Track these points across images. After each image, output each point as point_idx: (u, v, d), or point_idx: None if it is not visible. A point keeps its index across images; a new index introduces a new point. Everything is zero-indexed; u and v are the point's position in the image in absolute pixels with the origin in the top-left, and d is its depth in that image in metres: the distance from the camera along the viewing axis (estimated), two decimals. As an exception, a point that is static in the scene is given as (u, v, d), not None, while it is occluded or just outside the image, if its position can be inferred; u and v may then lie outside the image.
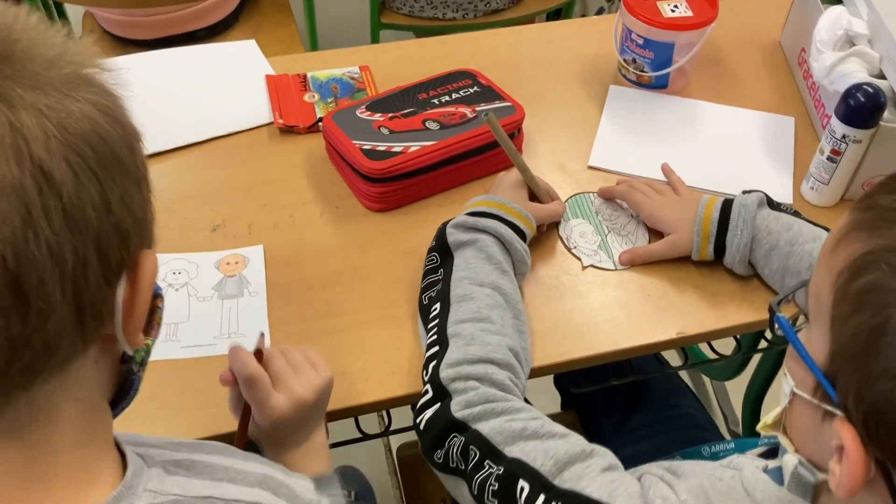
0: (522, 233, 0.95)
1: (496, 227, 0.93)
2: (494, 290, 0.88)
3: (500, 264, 0.91)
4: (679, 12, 1.20)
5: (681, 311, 0.98)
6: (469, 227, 0.93)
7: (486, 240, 0.92)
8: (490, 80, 1.17)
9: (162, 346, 0.92)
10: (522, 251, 0.94)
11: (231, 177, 1.11)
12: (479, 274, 0.89)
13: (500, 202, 0.96)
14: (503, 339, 0.82)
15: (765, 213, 0.97)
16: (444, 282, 0.90)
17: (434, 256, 0.94)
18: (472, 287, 0.87)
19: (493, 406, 0.75)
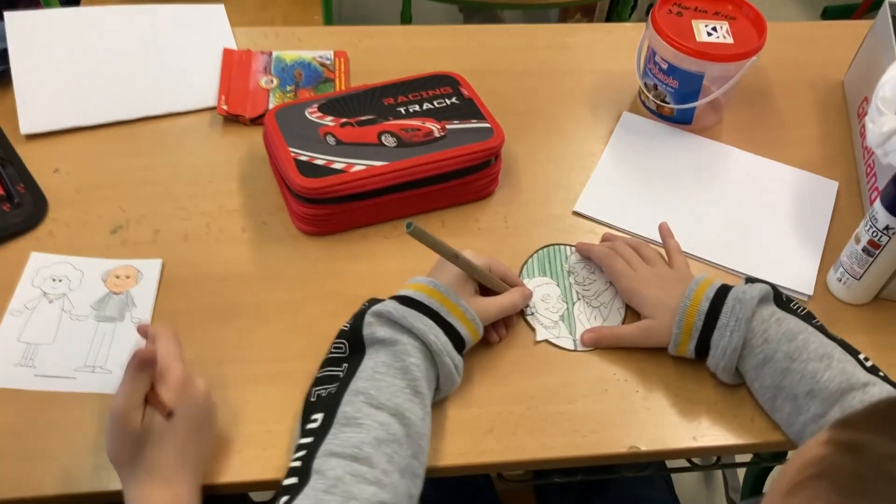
0: (461, 340, 0.77)
1: (426, 333, 0.74)
2: (395, 417, 0.69)
3: (414, 382, 0.72)
4: (717, 37, 0.99)
5: (641, 418, 0.79)
6: (392, 322, 0.74)
7: (408, 346, 0.73)
8: (474, 91, 0.98)
9: (13, 369, 0.78)
10: (452, 367, 0.76)
11: (150, 168, 0.95)
12: (383, 392, 0.70)
13: (444, 293, 0.77)
14: (377, 491, 0.64)
15: (766, 312, 0.78)
16: (340, 386, 0.72)
17: (342, 344, 0.76)
18: (366, 408, 0.69)
19: None
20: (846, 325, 0.87)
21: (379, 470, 0.66)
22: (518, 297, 0.83)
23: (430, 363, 0.75)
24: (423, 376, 0.73)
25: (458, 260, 0.79)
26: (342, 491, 0.63)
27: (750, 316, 0.77)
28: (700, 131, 1.05)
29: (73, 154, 0.96)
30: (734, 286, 0.80)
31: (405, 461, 0.68)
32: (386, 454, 0.67)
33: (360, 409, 0.69)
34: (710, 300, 0.79)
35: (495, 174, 0.95)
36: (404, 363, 0.72)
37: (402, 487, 0.67)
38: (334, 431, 0.67)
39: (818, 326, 0.79)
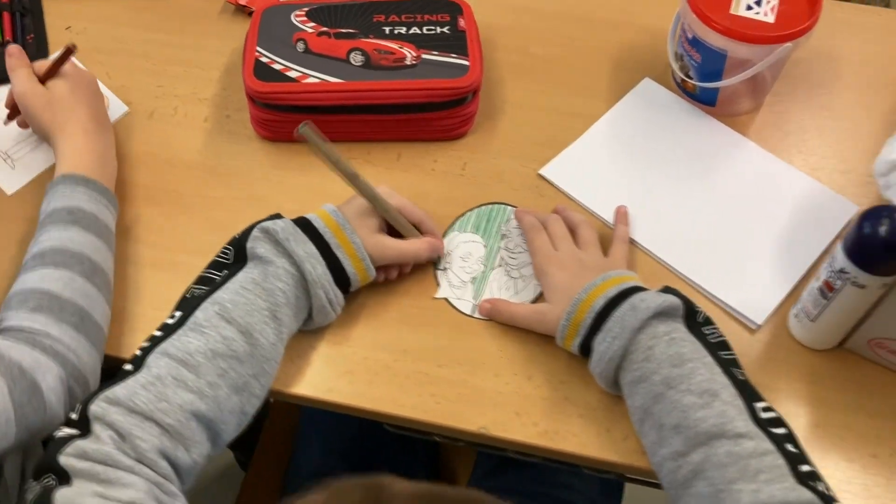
0: (347, 278, 0.75)
1: (303, 261, 0.72)
2: (243, 335, 0.69)
3: (275, 307, 0.71)
4: (756, 12, 0.85)
5: (506, 402, 0.74)
6: (276, 242, 0.73)
7: (280, 270, 0.72)
8: (473, 24, 0.91)
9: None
10: (325, 301, 0.74)
11: (150, 43, 0.98)
12: (240, 307, 0.70)
13: (340, 224, 0.75)
14: (195, 399, 0.65)
15: (662, 328, 0.69)
16: (208, 291, 0.72)
17: (229, 251, 0.75)
18: (216, 319, 0.69)
19: (102, 471, 0.59)
20: (790, 367, 0.76)
21: (204, 381, 0.66)
22: (424, 247, 0.79)
23: (302, 291, 0.73)
24: (286, 303, 0.72)
25: (357, 181, 0.76)
26: (157, 390, 0.64)
27: (638, 327, 0.69)
28: (726, 116, 0.93)
29: (89, 16, 1.00)
30: (642, 291, 0.71)
31: (242, 379, 0.69)
32: (219, 368, 0.67)
33: (211, 318, 0.69)
34: (607, 299, 0.71)
35: (467, 116, 0.90)
36: (271, 286, 0.71)
37: (229, 403, 0.68)
38: (179, 333, 0.69)
39: (724, 359, 0.69)
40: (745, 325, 0.79)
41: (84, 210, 0.77)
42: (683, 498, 0.65)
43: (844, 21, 1.00)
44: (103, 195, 0.80)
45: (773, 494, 0.60)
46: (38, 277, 0.72)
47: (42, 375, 0.67)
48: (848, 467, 0.71)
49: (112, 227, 0.80)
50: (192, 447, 0.65)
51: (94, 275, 0.74)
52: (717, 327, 0.72)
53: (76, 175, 0.79)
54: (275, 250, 0.73)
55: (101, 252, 0.77)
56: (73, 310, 0.71)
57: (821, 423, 0.73)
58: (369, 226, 0.77)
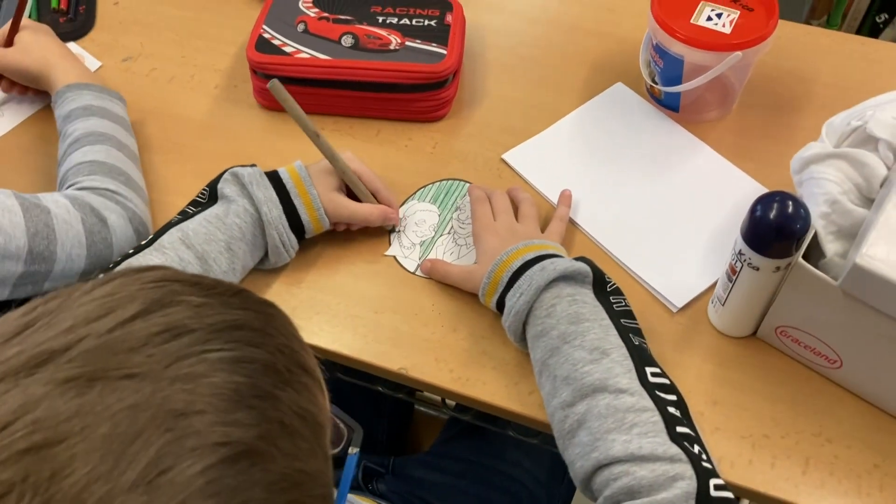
0: (301, 222, 0.84)
1: (261, 203, 0.81)
2: (199, 259, 0.79)
3: (231, 240, 0.81)
4: (715, 23, 0.91)
5: (428, 349, 0.81)
6: (241, 185, 0.83)
7: (240, 208, 0.82)
8: (460, 21, 1.00)
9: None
10: (279, 242, 0.83)
11: (179, 20, 1.11)
12: (200, 236, 0.80)
13: (301, 177, 0.84)
14: None
15: (567, 290, 0.75)
16: (180, 220, 0.82)
17: (206, 191, 0.85)
18: (178, 243, 0.79)
19: None
20: (703, 350, 0.81)
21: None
22: (375, 213, 0.87)
23: (259, 230, 0.83)
24: (242, 238, 0.81)
25: (318, 140, 0.85)
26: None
27: (544, 285, 0.75)
28: (691, 123, 0.98)
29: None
30: (558, 257, 0.78)
31: None
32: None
33: (174, 242, 0.79)
34: (524, 261, 0.77)
35: (443, 100, 0.98)
36: (231, 221, 0.81)
37: None
38: (145, 252, 0.79)
39: (623, 325, 0.74)
40: (666, 308, 0.83)
41: (95, 105, 0.92)
42: (569, 448, 0.70)
43: (827, 47, 1.05)
44: (107, 93, 0.94)
45: (642, 446, 0.65)
46: (81, 154, 0.87)
47: (108, 213, 0.82)
48: (739, 443, 0.75)
49: (125, 116, 0.95)
50: None
51: (123, 148, 0.90)
52: (625, 298, 0.77)
53: (76, 83, 0.93)
54: (239, 192, 0.83)
55: (122, 133, 0.92)
56: (118, 172, 0.87)
57: (720, 401, 0.77)
58: (328, 183, 0.86)
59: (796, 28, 1.07)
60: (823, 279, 0.70)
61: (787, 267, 0.72)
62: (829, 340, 0.75)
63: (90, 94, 0.92)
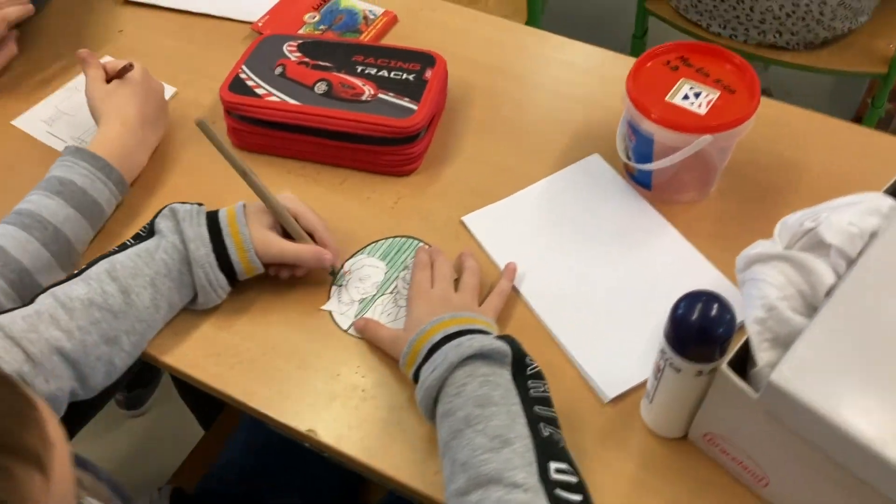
0: (232, 266, 0.83)
1: (188, 240, 0.81)
2: (122, 293, 0.78)
3: (156, 276, 0.80)
4: (691, 103, 0.87)
5: (342, 413, 0.78)
6: (176, 221, 0.83)
7: (169, 245, 0.81)
8: (439, 79, 0.98)
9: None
10: (206, 281, 0.82)
11: (175, 51, 1.13)
12: (126, 269, 0.79)
13: (236, 214, 0.84)
14: (62, 337, 0.74)
15: (482, 370, 0.71)
16: (112, 252, 0.82)
17: (147, 226, 0.85)
18: (103, 275, 0.79)
19: None
20: (629, 447, 0.76)
21: (76, 324, 0.76)
22: (307, 253, 0.85)
23: (186, 268, 0.82)
24: (167, 274, 0.81)
25: (247, 177, 0.84)
26: (31, 322, 0.75)
27: (457, 362, 0.71)
28: (663, 202, 0.93)
29: (139, 22, 1.17)
30: (480, 334, 0.74)
31: (113, 331, 0.78)
32: (93, 316, 0.77)
33: (100, 274, 0.79)
34: (446, 334, 0.74)
35: (411, 156, 0.96)
36: (158, 257, 0.81)
37: (97, 350, 0.77)
38: (71, 282, 0.79)
39: (536, 413, 0.70)
40: (597, 397, 0.79)
41: (75, 184, 0.88)
42: None
43: (815, 132, 0.99)
44: (106, 174, 0.90)
45: None
46: (2, 231, 0.83)
47: None
48: (648, 555, 0.70)
49: (103, 204, 0.90)
50: (51, 379, 0.74)
51: (53, 242, 0.85)
52: (545, 384, 0.73)
53: (86, 151, 0.90)
54: (173, 228, 0.82)
55: (73, 223, 0.87)
56: (14, 267, 0.81)
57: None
58: (262, 221, 0.85)
59: (788, 110, 1.02)
60: (744, 391, 0.65)
61: (710, 372, 0.67)
62: (755, 455, 0.69)
63: (85, 168, 0.89)
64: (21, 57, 1.12)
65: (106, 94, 0.96)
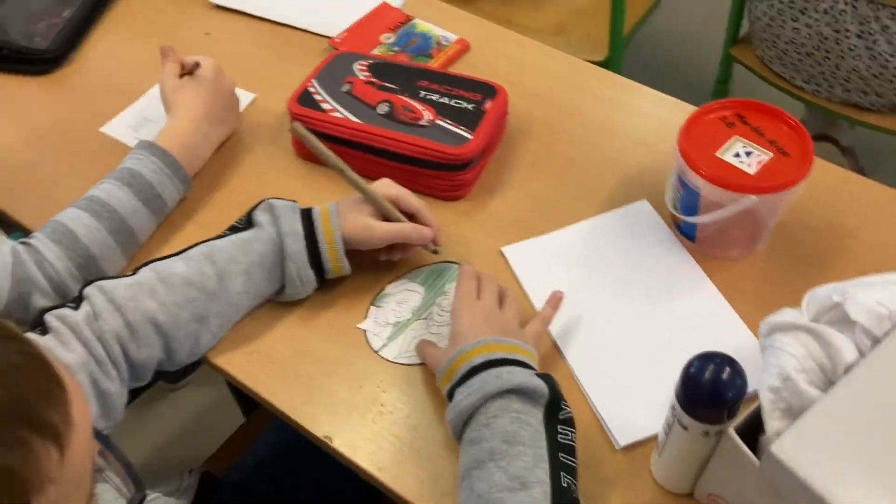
0: (321, 263, 0.87)
1: (284, 235, 0.85)
2: (218, 277, 0.83)
3: (250, 266, 0.85)
4: (742, 161, 0.87)
5: (368, 430, 0.81)
6: (274, 216, 0.87)
7: (265, 236, 0.86)
8: (498, 111, 1.01)
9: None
10: (295, 275, 0.86)
11: (257, 59, 1.19)
12: (224, 254, 0.85)
13: (329, 212, 0.88)
14: (157, 308, 0.80)
15: (514, 405, 0.72)
16: (213, 238, 0.87)
17: (244, 219, 0.90)
18: (203, 259, 0.84)
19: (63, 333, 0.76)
20: (634, 496, 0.76)
21: (172, 299, 0.81)
22: (409, 229, 0.88)
23: (279, 260, 0.86)
24: (261, 264, 0.86)
25: (344, 174, 0.89)
26: (133, 291, 0.81)
27: (493, 394, 0.73)
28: (706, 256, 0.93)
29: (227, 28, 1.23)
30: (521, 367, 0.75)
31: (205, 311, 0.83)
32: (189, 294, 0.82)
33: (200, 256, 0.85)
34: (487, 359, 0.76)
35: (460, 183, 0.99)
36: (255, 248, 0.86)
37: (187, 326, 0.82)
38: (173, 258, 0.85)
39: (560, 461, 0.71)
40: (610, 442, 0.80)
41: (144, 177, 0.93)
42: None
43: (872, 201, 0.97)
44: (173, 171, 0.95)
45: None
46: (74, 216, 0.89)
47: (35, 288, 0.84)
48: None
49: (167, 199, 0.95)
50: (143, 347, 0.80)
51: (119, 232, 0.90)
52: (574, 431, 0.74)
53: (157, 146, 0.95)
54: (270, 221, 0.87)
55: (140, 216, 0.92)
56: (83, 252, 0.87)
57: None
58: (362, 211, 0.88)
59: (846, 176, 1.00)
60: (748, 457, 0.65)
61: (717, 433, 0.67)
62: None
63: (154, 164, 0.94)
64: (107, 59, 1.19)
65: (176, 88, 1.02)
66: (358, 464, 0.79)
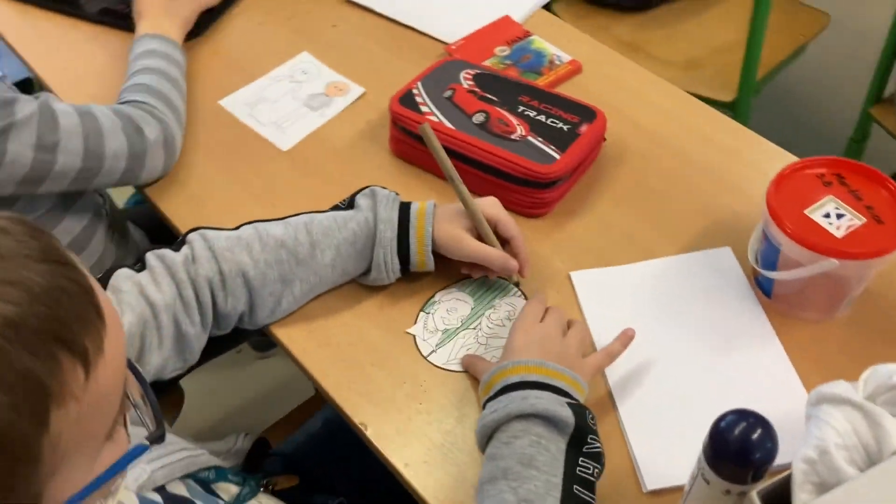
0: (408, 255, 0.90)
1: (379, 220, 0.89)
2: (311, 245, 0.88)
3: (341, 242, 0.89)
4: (830, 223, 0.83)
5: (401, 424, 0.83)
6: (374, 202, 0.91)
7: (363, 219, 0.90)
8: (594, 136, 1.01)
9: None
10: (382, 262, 0.89)
11: (371, 54, 1.23)
12: (321, 227, 0.89)
13: (426, 212, 0.90)
14: (250, 265, 0.86)
15: (537, 429, 0.73)
16: (316, 212, 0.92)
17: (346, 200, 0.94)
18: (301, 227, 0.89)
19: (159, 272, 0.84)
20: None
21: (264, 257, 0.87)
22: (495, 256, 0.89)
23: (370, 245, 0.90)
24: (353, 243, 0.89)
25: (454, 183, 0.91)
26: (231, 244, 0.87)
27: (518, 414, 0.73)
28: (782, 313, 0.90)
29: (352, 22, 1.28)
30: (554, 394, 0.75)
31: (292, 275, 0.88)
32: (280, 256, 0.87)
33: (298, 223, 0.90)
34: (523, 380, 0.76)
35: (542, 201, 0.99)
36: (350, 226, 0.90)
37: (273, 286, 0.87)
38: (274, 222, 0.90)
39: (574, 492, 0.70)
40: (639, 485, 0.78)
41: (159, 50, 1.13)
42: None
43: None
44: (172, 44, 1.15)
45: None
46: (137, 79, 1.08)
47: (144, 125, 1.01)
48: None
49: (181, 61, 1.15)
50: (230, 297, 0.86)
51: (171, 80, 1.10)
52: (598, 467, 0.74)
53: (154, 33, 1.15)
54: (370, 206, 0.91)
55: (175, 71, 1.12)
56: (161, 95, 1.07)
57: None
58: (458, 222, 0.90)
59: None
60: (765, 525, 0.62)
61: (739, 494, 0.65)
62: None
63: (158, 42, 1.13)
64: (236, 37, 1.27)
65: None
66: (387, 456, 0.81)
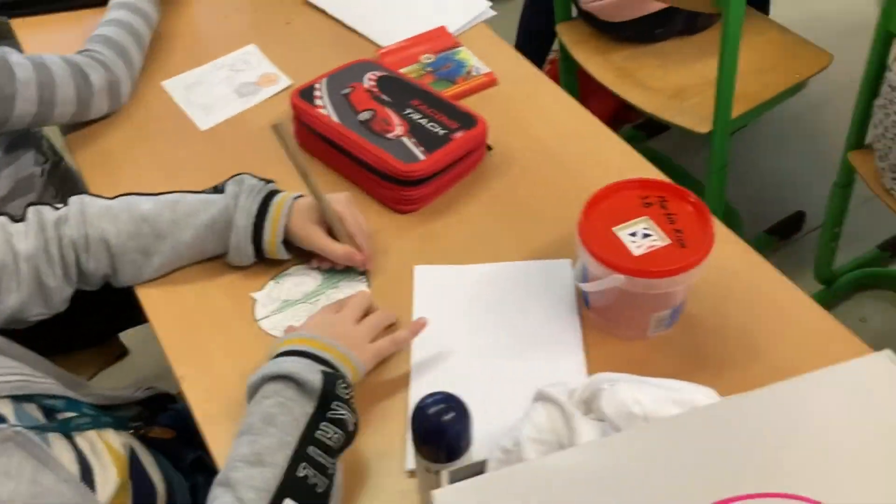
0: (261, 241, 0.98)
1: (241, 209, 0.96)
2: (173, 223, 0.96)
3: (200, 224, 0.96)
4: (633, 241, 0.86)
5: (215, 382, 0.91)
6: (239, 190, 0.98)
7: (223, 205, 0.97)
8: (472, 141, 1.08)
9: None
10: (236, 247, 0.97)
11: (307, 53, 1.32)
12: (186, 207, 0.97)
13: (282, 209, 0.97)
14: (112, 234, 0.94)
15: (286, 392, 0.77)
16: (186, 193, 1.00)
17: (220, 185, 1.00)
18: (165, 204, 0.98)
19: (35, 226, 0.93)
20: None
21: (126, 228, 0.95)
22: (339, 250, 0.97)
23: (228, 226, 0.97)
24: (212, 226, 0.97)
25: (307, 179, 0.96)
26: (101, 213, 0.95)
27: (270, 376, 0.79)
28: (598, 329, 0.92)
29: (303, 17, 1.38)
30: (311, 361, 0.81)
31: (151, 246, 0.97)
32: (140, 229, 0.96)
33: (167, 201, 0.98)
34: (293, 348, 0.82)
35: (409, 199, 1.05)
36: (212, 210, 0.97)
37: (132, 255, 0.96)
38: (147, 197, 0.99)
39: (306, 455, 0.75)
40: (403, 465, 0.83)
41: (130, 3, 1.26)
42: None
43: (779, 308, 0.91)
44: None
45: None
46: (99, 31, 1.21)
47: (91, 72, 1.15)
48: None
49: (151, 14, 1.28)
50: (92, 259, 0.95)
51: (133, 33, 1.23)
52: (338, 431, 0.77)
53: None
54: (234, 193, 0.98)
55: (140, 24, 1.25)
56: (117, 46, 1.20)
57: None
58: (310, 217, 0.97)
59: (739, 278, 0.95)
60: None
61: (436, 473, 0.69)
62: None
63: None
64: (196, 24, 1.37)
65: None
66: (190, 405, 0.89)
